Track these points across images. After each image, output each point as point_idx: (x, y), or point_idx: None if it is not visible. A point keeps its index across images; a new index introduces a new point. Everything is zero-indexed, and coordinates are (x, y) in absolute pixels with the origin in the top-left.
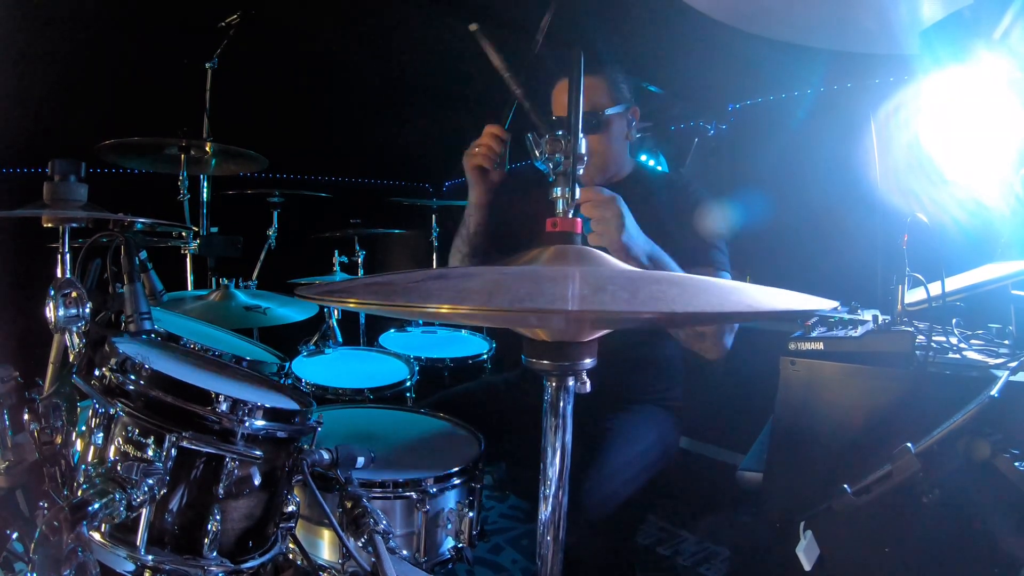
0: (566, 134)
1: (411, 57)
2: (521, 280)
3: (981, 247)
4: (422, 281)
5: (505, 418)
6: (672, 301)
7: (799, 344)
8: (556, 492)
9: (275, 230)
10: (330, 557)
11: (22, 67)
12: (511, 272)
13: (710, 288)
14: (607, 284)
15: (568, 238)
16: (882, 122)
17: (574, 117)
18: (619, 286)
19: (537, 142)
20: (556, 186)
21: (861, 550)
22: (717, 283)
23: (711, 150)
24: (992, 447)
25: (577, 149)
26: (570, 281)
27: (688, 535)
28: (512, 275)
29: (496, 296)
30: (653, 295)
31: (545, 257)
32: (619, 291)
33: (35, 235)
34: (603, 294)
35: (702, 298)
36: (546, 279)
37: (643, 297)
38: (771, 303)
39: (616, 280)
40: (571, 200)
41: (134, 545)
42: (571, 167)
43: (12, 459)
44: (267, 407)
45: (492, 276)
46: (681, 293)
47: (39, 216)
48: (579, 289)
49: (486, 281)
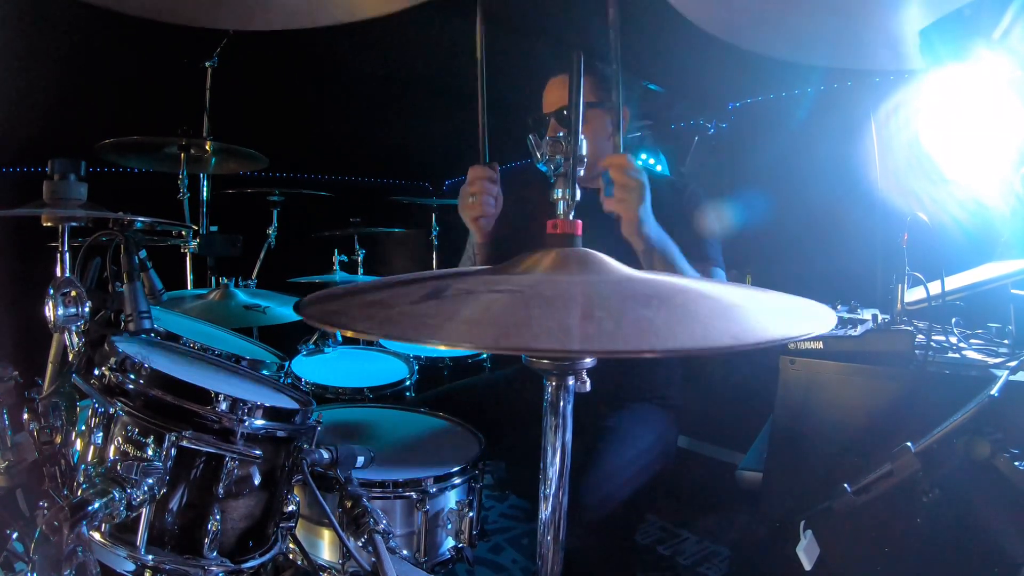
0: (566, 135)
1: (411, 56)
2: (514, 308)
3: (981, 246)
4: (418, 303)
5: (505, 415)
6: (656, 333)
7: (799, 343)
8: (556, 492)
9: (275, 229)
10: (330, 557)
11: (22, 66)
12: (506, 290)
13: (699, 312)
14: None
15: (569, 240)
16: (882, 121)
17: (574, 119)
18: (608, 313)
19: (538, 144)
20: (557, 187)
21: (861, 549)
22: (711, 300)
23: (711, 149)
24: (992, 446)
25: (578, 151)
26: (570, 308)
27: (688, 535)
28: (507, 296)
29: (485, 332)
30: (639, 324)
31: (545, 264)
32: (606, 320)
33: (35, 234)
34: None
35: (688, 329)
36: (542, 302)
37: (628, 327)
38: (763, 331)
39: (611, 302)
40: (572, 202)
41: (134, 545)
42: (571, 168)
43: (12, 459)
44: (267, 406)
45: (487, 298)
46: (668, 319)
47: (39, 215)
48: (579, 321)
49: (479, 308)
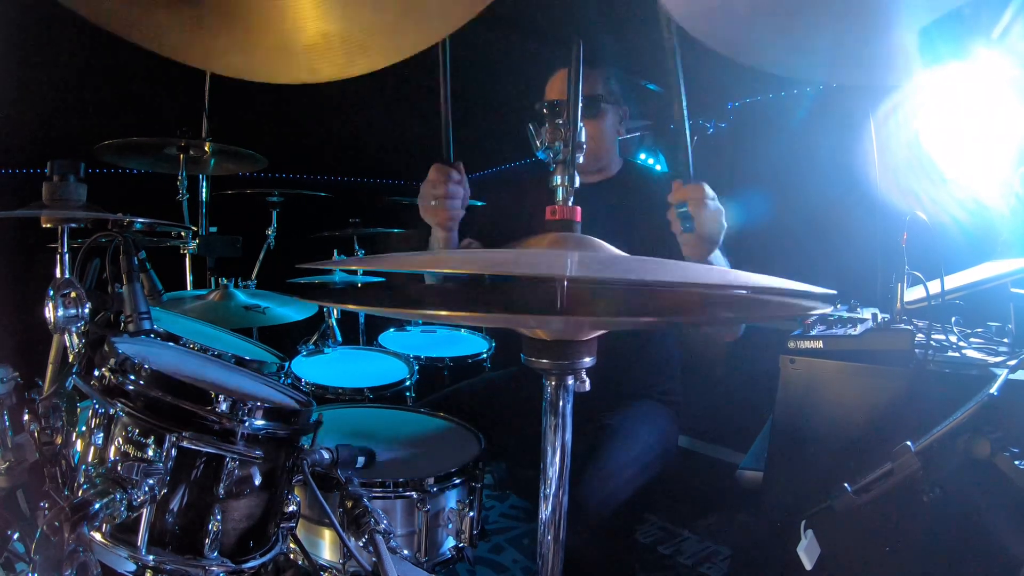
0: (565, 122)
1: (410, 56)
2: (505, 256)
3: (980, 245)
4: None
5: (505, 415)
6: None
7: (799, 342)
8: (556, 492)
9: (274, 230)
10: (331, 557)
11: (22, 67)
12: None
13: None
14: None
15: (567, 226)
16: (881, 120)
17: (573, 107)
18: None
19: (537, 131)
20: (556, 174)
21: (862, 549)
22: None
23: (710, 149)
24: (992, 445)
25: (577, 137)
26: (560, 259)
27: (689, 534)
28: (500, 253)
29: (475, 264)
30: (627, 264)
31: (541, 244)
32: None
33: (34, 235)
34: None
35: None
36: (532, 255)
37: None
38: (755, 281)
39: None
40: (570, 188)
41: (135, 545)
42: (570, 155)
43: (12, 459)
44: (267, 407)
45: (480, 254)
46: (657, 269)
47: (38, 216)
48: (576, 260)
49: (472, 256)
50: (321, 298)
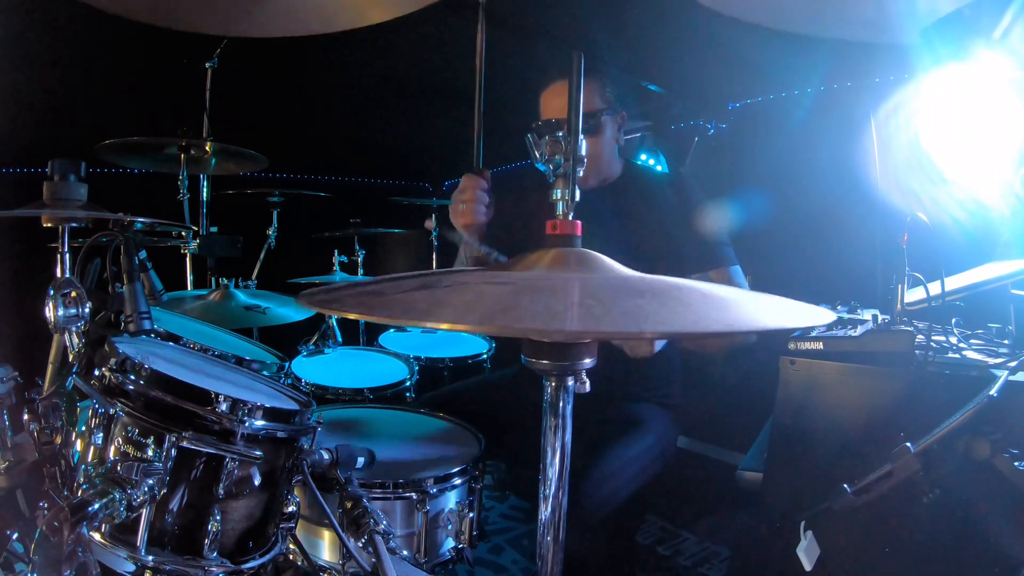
0: (565, 135)
1: (410, 56)
2: (506, 295)
3: (981, 246)
4: (409, 292)
5: (505, 415)
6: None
7: (798, 344)
8: (556, 492)
9: (275, 230)
10: (330, 557)
11: (23, 67)
12: (500, 282)
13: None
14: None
15: (568, 241)
16: (882, 121)
17: (574, 119)
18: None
19: (537, 143)
20: (556, 188)
21: (861, 550)
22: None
23: (711, 149)
24: (992, 446)
25: (577, 151)
26: (562, 296)
27: (688, 535)
28: (500, 287)
29: (468, 314)
30: (631, 310)
31: (542, 262)
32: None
33: (35, 235)
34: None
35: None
36: (534, 291)
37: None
38: (756, 321)
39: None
40: (571, 202)
41: (134, 545)
42: (571, 168)
43: (12, 459)
44: (267, 407)
45: (481, 288)
46: (660, 307)
47: (39, 216)
48: (578, 299)
49: (471, 296)
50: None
